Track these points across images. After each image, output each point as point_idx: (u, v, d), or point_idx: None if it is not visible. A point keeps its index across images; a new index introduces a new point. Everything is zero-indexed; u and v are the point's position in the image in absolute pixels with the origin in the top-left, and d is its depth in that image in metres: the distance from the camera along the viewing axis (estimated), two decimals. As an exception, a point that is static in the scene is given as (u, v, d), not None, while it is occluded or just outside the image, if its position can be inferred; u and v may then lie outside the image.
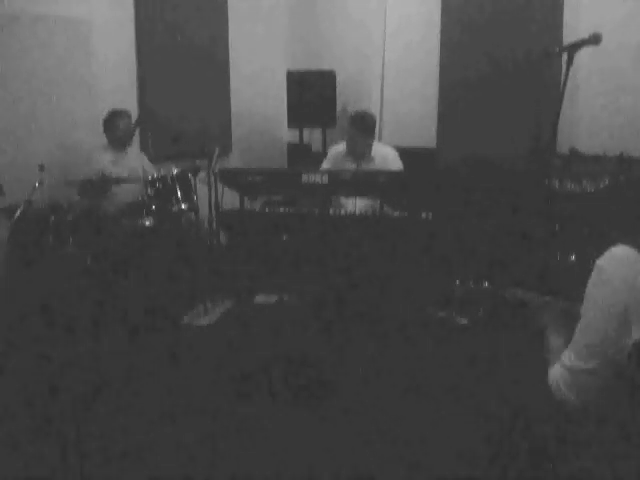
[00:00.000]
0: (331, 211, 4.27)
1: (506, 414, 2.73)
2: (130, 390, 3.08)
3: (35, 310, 3.75)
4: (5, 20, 4.27)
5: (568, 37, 5.21)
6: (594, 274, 1.52)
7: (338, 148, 4.64)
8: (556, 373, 1.58)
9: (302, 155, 6.33)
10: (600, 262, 1.52)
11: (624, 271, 1.47)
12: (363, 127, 4.40)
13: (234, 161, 5.87)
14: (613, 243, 1.53)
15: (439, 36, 6.01)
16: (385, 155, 4.52)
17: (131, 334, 3.68)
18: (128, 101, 4.94)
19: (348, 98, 6.11)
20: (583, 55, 3.05)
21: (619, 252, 1.51)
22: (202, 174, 4.40)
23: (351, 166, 4.49)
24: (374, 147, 4.54)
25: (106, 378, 3.19)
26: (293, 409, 2.92)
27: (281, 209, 4.29)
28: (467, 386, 3.05)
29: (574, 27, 5.29)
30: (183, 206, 4.37)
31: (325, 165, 4.62)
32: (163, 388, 3.11)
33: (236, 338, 3.72)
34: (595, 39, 2.95)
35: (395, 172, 4.32)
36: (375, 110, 6.17)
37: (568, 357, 1.56)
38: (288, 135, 6.44)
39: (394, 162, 4.49)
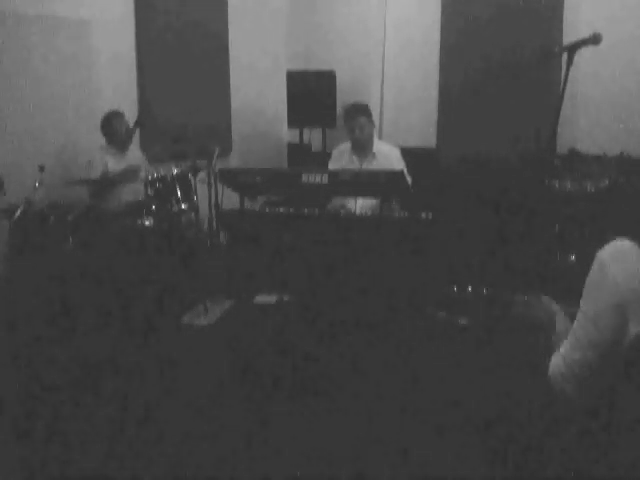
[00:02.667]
0: (332, 211, 4.28)
1: (505, 414, 2.73)
2: (130, 390, 3.08)
3: (35, 310, 3.75)
4: (5, 20, 4.27)
5: (568, 37, 5.20)
6: (594, 266, 1.52)
7: (341, 148, 4.67)
8: (554, 363, 1.58)
9: (302, 155, 6.33)
10: (601, 254, 1.52)
11: (624, 264, 1.47)
12: (364, 111, 4.45)
13: (234, 161, 5.87)
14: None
15: (439, 36, 6.01)
16: (388, 153, 4.54)
17: (131, 334, 3.68)
18: (128, 101, 4.95)
19: (348, 98, 6.10)
20: (583, 55, 3.05)
21: (620, 245, 1.50)
22: (202, 174, 4.40)
23: (355, 165, 4.51)
24: (376, 145, 4.56)
25: (106, 378, 3.19)
26: (292, 409, 2.92)
27: (281, 209, 4.29)
28: (467, 386, 3.05)
29: (574, 27, 5.28)
30: (183, 206, 4.37)
31: (331, 166, 4.64)
32: (163, 388, 3.11)
33: (236, 338, 3.72)
34: (595, 39, 2.95)
35: (395, 172, 4.32)
36: (375, 110, 6.17)
37: (565, 347, 1.56)
38: (288, 135, 6.44)
39: (397, 160, 4.51)
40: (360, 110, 4.50)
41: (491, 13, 5.73)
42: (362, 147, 4.52)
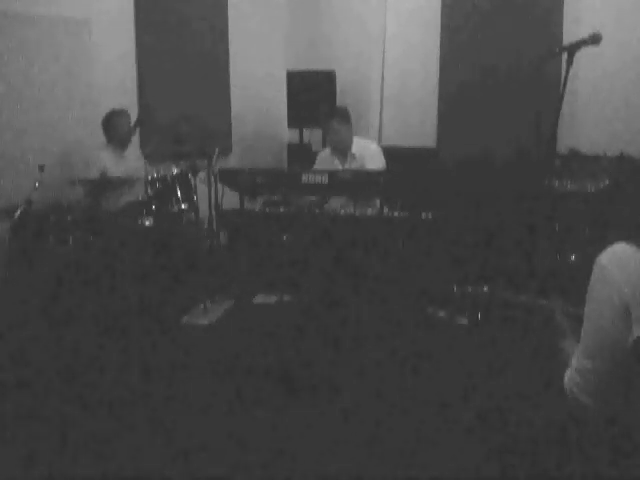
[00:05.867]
0: (330, 210, 4.28)
1: (505, 415, 2.73)
2: (130, 390, 3.08)
3: (35, 310, 3.75)
4: (5, 20, 4.26)
5: (568, 37, 5.20)
6: (595, 271, 1.51)
7: (325, 152, 4.67)
8: (569, 376, 1.57)
9: (302, 155, 6.32)
10: (600, 259, 1.51)
11: (625, 268, 1.46)
12: (340, 116, 4.46)
13: (234, 161, 5.87)
14: (613, 243, 1.52)
15: (439, 36, 6.00)
16: (368, 151, 4.50)
17: (131, 334, 3.68)
18: (128, 101, 4.94)
19: (348, 98, 6.10)
20: (583, 55, 3.04)
21: (620, 249, 1.50)
22: (202, 174, 4.40)
23: (338, 166, 4.49)
24: (356, 144, 4.52)
25: (106, 378, 3.19)
26: (292, 409, 2.92)
27: (281, 209, 4.29)
28: (467, 386, 3.05)
29: (574, 27, 5.28)
30: (183, 206, 4.37)
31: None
32: (163, 388, 3.11)
33: (236, 338, 3.72)
34: (595, 39, 2.95)
35: (395, 172, 4.32)
36: (375, 110, 6.17)
37: (576, 358, 1.55)
38: (288, 135, 6.43)
39: (378, 158, 4.48)
40: (332, 114, 4.48)
41: (491, 13, 5.72)
42: (339, 150, 4.50)
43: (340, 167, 4.49)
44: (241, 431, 2.74)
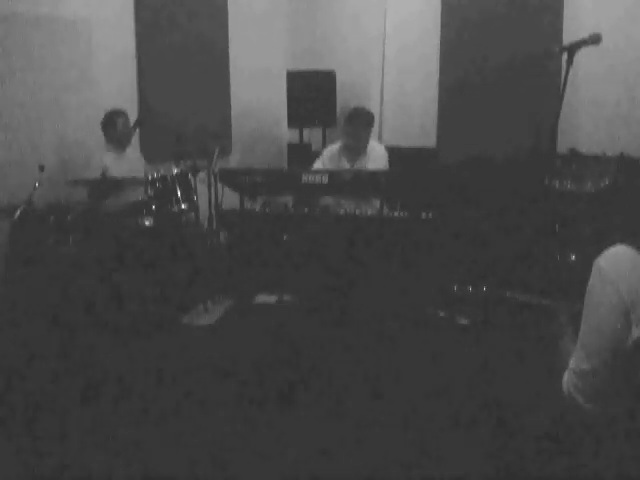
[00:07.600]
0: (330, 210, 4.28)
1: (505, 414, 2.73)
2: (130, 390, 3.08)
3: (35, 310, 3.75)
4: (5, 20, 4.27)
5: (568, 37, 5.20)
6: (593, 274, 1.52)
7: (333, 148, 4.66)
8: (566, 378, 1.57)
9: (302, 155, 6.32)
10: (599, 262, 1.51)
11: (623, 270, 1.46)
12: (365, 122, 4.44)
13: (234, 161, 5.87)
14: (613, 243, 1.52)
15: (439, 36, 6.00)
16: (376, 152, 4.54)
17: (131, 334, 3.68)
18: (128, 101, 4.94)
19: (348, 98, 6.10)
20: (583, 55, 3.05)
21: (618, 251, 1.50)
22: (202, 174, 4.40)
23: (345, 165, 4.50)
24: (369, 144, 4.55)
25: (106, 378, 3.19)
26: (291, 409, 2.92)
27: (281, 209, 4.29)
28: (466, 386, 3.05)
29: (574, 27, 5.28)
30: (183, 206, 4.37)
31: (318, 164, 4.62)
32: (163, 388, 3.11)
33: (236, 338, 3.72)
34: (595, 39, 2.95)
35: (396, 172, 4.33)
36: (375, 110, 6.16)
37: (574, 360, 1.55)
38: (288, 135, 6.43)
39: (380, 159, 4.51)
40: (364, 120, 4.47)
41: (491, 13, 5.73)
42: (351, 150, 4.51)
43: (347, 165, 4.50)
44: (241, 431, 2.75)
